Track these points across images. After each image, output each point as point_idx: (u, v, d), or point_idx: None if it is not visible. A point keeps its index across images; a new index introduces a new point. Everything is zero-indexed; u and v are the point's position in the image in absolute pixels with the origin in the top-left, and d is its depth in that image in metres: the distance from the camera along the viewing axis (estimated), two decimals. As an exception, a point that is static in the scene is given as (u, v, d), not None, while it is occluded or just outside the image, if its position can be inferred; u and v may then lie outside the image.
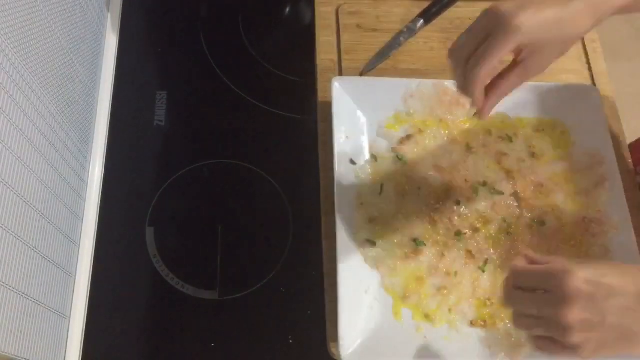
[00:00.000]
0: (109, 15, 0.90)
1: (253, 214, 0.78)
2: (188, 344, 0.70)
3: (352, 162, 0.70)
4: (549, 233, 0.68)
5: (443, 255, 0.66)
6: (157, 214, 0.77)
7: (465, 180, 0.70)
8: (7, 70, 0.57)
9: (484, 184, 0.70)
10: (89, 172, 0.79)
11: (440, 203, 0.68)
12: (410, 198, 0.69)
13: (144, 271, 0.73)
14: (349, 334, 0.60)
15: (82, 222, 0.76)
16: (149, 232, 0.76)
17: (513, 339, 0.62)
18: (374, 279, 0.65)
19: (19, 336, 0.58)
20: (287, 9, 0.97)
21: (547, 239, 0.68)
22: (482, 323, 0.64)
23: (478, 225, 0.68)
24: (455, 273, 0.66)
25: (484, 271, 0.66)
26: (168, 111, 0.84)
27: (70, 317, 0.71)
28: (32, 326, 0.61)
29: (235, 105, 0.85)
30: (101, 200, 0.78)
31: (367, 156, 0.71)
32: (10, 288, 0.56)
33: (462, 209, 0.68)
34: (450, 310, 0.64)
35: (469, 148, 0.72)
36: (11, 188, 0.57)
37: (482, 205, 0.69)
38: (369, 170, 0.70)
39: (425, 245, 0.66)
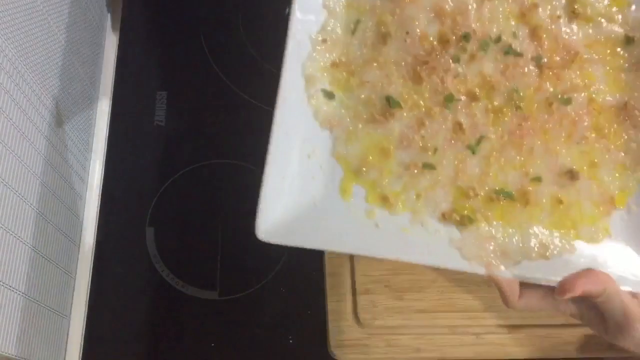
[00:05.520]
0: (109, 15, 0.90)
1: (253, 214, 0.78)
2: (188, 344, 0.70)
3: None
4: (574, 116, 0.50)
5: (423, 123, 0.50)
6: (157, 214, 0.77)
7: (474, 30, 0.51)
8: (7, 70, 0.57)
9: (498, 39, 0.51)
10: (89, 172, 0.79)
11: (433, 55, 0.51)
12: (393, 43, 0.51)
13: (144, 271, 0.73)
14: (272, 207, 0.47)
15: (82, 222, 0.76)
16: (149, 232, 0.76)
17: (497, 244, 0.48)
18: (322, 141, 0.50)
19: (19, 336, 0.58)
20: (287, 9, 0.97)
21: (569, 123, 0.50)
22: (458, 219, 0.49)
23: (478, 92, 0.51)
24: (435, 149, 0.49)
25: (474, 152, 0.50)
26: (168, 111, 0.84)
27: (70, 317, 0.71)
28: (32, 326, 0.61)
29: (235, 105, 0.85)
30: (101, 200, 0.78)
31: None
32: (10, 288, 0.56)
33: (460, 68, 0.51)
34: (418, 196, 0.49)
35: None
36: (11, 188, 0.57)
37: (490, 66, 0.51)
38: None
39: (401, 107, 0.50)
